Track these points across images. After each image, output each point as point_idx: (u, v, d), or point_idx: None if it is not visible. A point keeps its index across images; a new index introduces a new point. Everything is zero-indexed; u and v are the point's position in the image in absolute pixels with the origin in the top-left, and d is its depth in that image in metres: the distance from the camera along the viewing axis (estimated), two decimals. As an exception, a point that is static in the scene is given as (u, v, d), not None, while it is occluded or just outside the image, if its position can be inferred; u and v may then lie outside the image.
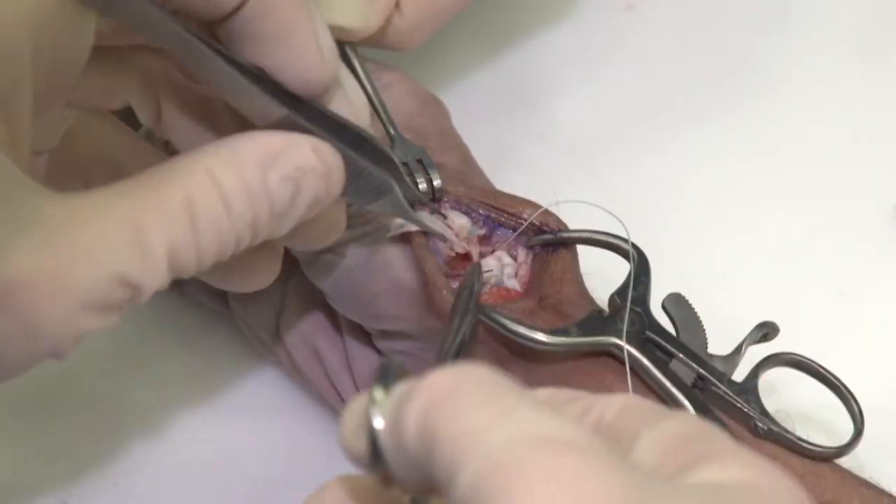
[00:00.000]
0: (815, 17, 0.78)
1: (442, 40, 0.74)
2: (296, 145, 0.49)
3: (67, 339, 0.44)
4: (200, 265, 0.47)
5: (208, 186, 0.46)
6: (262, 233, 0.48)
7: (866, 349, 0.67)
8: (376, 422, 0.39)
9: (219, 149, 0.47)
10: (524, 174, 0.71)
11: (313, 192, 0.49)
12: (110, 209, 0.45)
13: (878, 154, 0.73)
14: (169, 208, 0.45)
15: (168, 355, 0.66)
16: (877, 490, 0.54)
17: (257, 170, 0.47)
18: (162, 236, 0.45)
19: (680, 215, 0.71)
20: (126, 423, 0.64)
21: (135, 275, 0.44)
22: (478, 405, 0.37)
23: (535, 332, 0.54)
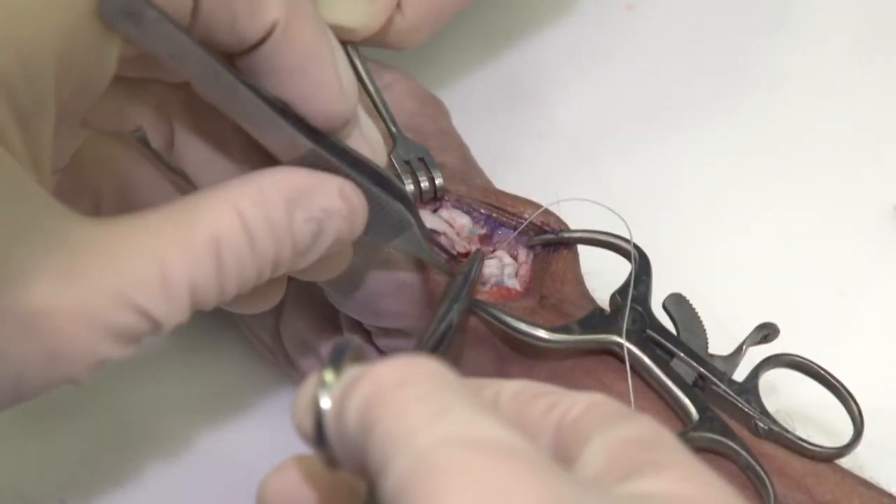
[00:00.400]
0: (815, 16, 0.78)
1: (442, 40, 0.75)
2: (323, 186, 0.48)
3: (87, 367, 0.44)
4: (221, 299, 0.47)
5: (235, 225, 0.46)
6: (283, 268, 0.48)
7: (866, 349, 0.67)
8: (323, 402, 0.39)
9: (246, 185, 0.47)
10: (524, 174, 0.71)
11: (336, 232, 0.49)
12: (135, 241, 0.44)
13: (878, 154, 0.73)
14: (194, 246, 0.45)
15: (168, 355, 0.66)
16: (877, 490, 0.54)
17: (284, 209, 0.47)
18: (186, 273, 0.45)
19: (680, 215, 0.71)
20: (126, 423, 0.64)
21: (156, 310, 0.44)
22: (416, 402, 0.37)
23: (537, 329, 0.54)
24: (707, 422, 0.53)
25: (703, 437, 0.53)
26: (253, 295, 0.53)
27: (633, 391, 0.54)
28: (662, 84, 0.76)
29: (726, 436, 0.53)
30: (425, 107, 0.64)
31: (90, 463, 0.63)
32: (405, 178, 0.58)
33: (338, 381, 0.40)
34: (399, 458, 0.36)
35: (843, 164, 0.73)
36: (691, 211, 0.72)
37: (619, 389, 0.54)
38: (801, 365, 0.57)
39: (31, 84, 0.43)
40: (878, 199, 0.71)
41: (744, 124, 0.74)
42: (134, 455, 0.63)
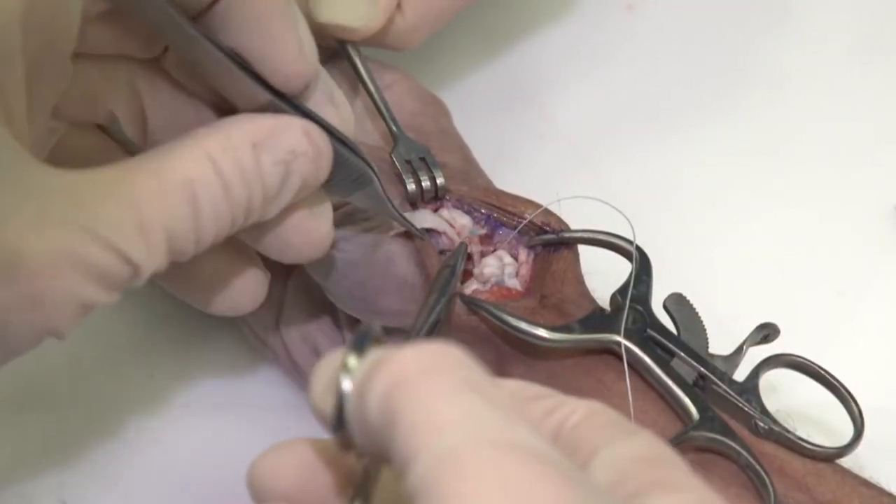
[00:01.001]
0: (815, 17, 0.78)
1: (442, 40, 0.75)
2: (287, 128, 0.49)
3: (70, 312, 0.44)
4: (199, 246, 0.47)
5: (208, 169, 0.47)
6: (254, 216, 0.49)
7: (866, 349, 0.67)
8: (345, 385, 0.39)
9: (213, 132, 0.48)
10: (524, 174, 0.71)
11: (303, 175, 0.50)
12: (110, 187, 0.45)
13: (878, 154, 0.73)
14: (169, 190, 0.46)
15: (168, 354, 0.66)
16: (877, 490, 0.54)
17: (251, 152, 0.48)
18: (161, 217, 0.45)
19: (680, 215, 0.71)
20: (126, 423, 0.64)
21: (135, 252, 0.45)
22: (443, 395, 0.37)
23: (537, 328, 0.54)
24: (707, 421, 0.53)
25: (703, 436, 0.53)
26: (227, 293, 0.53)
27: (634, 391, 0.54)
28: (662, 84, 0.76)
29: (727, 435, 0.53)
30: (426, 107, 0.64)
31: (89, 462, 0.63)
32: (406, 177, 0.58)
33: (360, 366, 0.39)
34: (426, 455, 0.36)
35: (843, 164, 0.73)
36: (691, 211, 0.71)
37: (619, 389, 0.54)
38: (801, 365, 0.57)
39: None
40: (878, 199, 0.71)
41: (744, 124, 0.74)
42: (133, 454, 0.63)
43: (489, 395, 0.38)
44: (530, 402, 0.41)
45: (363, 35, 0.60)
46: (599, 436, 0.40)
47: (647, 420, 0.54)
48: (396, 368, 0.38)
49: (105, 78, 0.52)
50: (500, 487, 0.35)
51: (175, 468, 0.63)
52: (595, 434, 0.40)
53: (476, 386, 0.38)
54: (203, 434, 0.64)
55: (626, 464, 0.39)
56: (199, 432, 0.64)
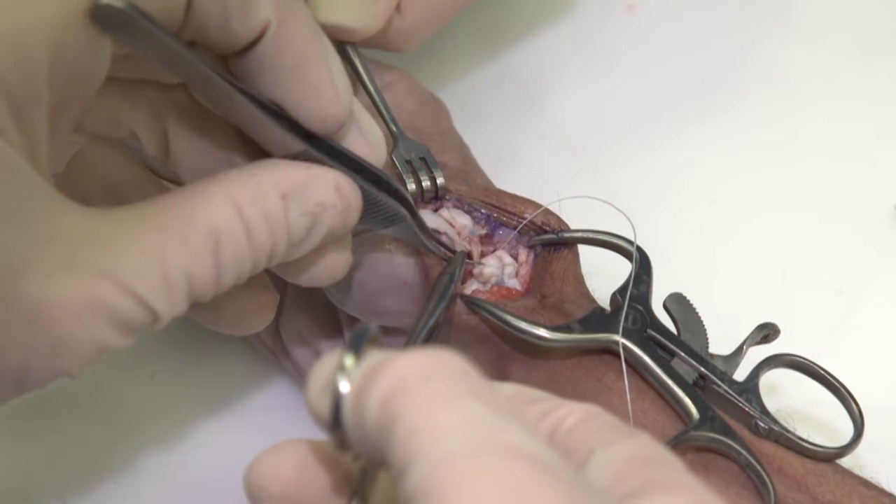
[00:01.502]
0: (815, 17, 0.78)
1: (442, 40, 0.75)
2: (319, 180, 0.49)
3: (88, 356, 0.44)
4: (218, 290, 0.47)
5: (233, 219, 0.46)
6: (277, 259, 0.49)
7: (866, 349, 0.67)
8: (342, 386, 0.39)
9: (243, 179, 0.47)
10: (524, 174, 0.71)
11: (330, 225, 0.49)
12: (135, 233, 0.45)
13: (878, 154, 0.73)
14: (194, 239, 0.45)
15: (170, 356, 0.66)
16: (877, 490, 0.54)
17: (280, 203, 0.48)
18: (184, 266, 0.45)
19: (680, 215, 0.71)
20: (127, 424, 0.64)
21: (156, 301, 0.45)
22: (441, 402, 0.37)
23: (537, 328, 0.54)
24: (708, 421, 0.53)
25: (703, 436, 0.53)
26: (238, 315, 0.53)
27: (634, 391, 0.54)
28: (663, 84, 0.76)
29: (727, 435, 0.53)
30: (426, 107, 0.64)
31: (90, 462, 0.63)
32: (406, 177, 0.58)
33: (357, 367, 0.40)
34: (424, 460, 0.36)
35: (843, 164, 0.73)
36: (691, 211, 0.72)
37: (619, 389, 0.54)
38: (801, 365, 0.57)
39: (25, 76, 0.43)
40: (878, 199, 0.71)
41: (744, 124, 0.74)
42: (133, 454, 0.63)
43: (487, 400, 0.38)
44: (526, 406, 0.42)
45: (362, 36, 0.60)
46: (595, 438, 0.40)
47: (647, 420, 0.54)
48: (395, 374, 0.38)
49: (128, 99, 0.52)
50: (498, 492, 0.35)
51: (175, 468, 0.63)
52: (591, 436, 0.40)
53: (474, 392, 0.38)
54: (203, 435, 0.64)
55: (623, 464, 0.39)
56: (199, 433, 0.64)
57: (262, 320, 0.55)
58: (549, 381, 0.55)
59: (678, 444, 0.53)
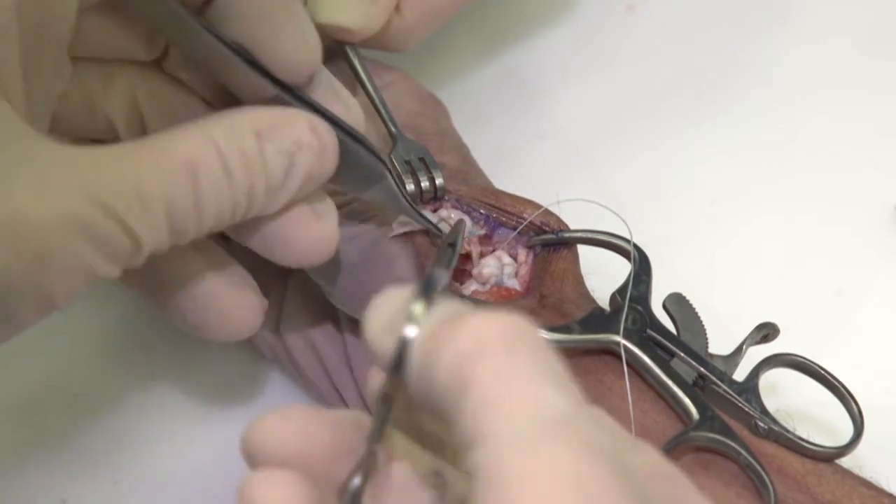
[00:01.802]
0: (815, 17, 0.78)
1: (442, 40, 0.75)
2: (293, 119, 0.49)
3: (74, 279, 0.44)
4: (199, 228, 0.47)
5: (210, 151, 0.47)
6: (257, 205, 0.49)
7: (865, 349, 0.67)
8: (409, 331, 0.39)
9: (219, 119, 0.48)
10: (524, 174, 0.71)
11: (307, 168, 0.50)
12: (112, 161, 0.45)
13: (878, 155, 0.73)
14: (169, 166, 0.46)
15: (169, 354, 0.66)
16: (877, 490, 0.54)
17: (255, 140, 0.48)
18: (162, 190, 0.45)
19: (680, 215, 0.71)
20: (126, 423, 0.64)
21: (135, 223, 0.45)
22: (522, 378, 0.37)
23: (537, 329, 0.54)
24: (708, 421, 0.53)
25: (703, 436, 0.53)
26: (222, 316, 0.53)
27: (634, 391, 0.54)
28: (662, 84, 0.76)
29: (727, 435, 0.53)
30: (425, 107, 0.64)
31: (89, 462, 0.63)
32: (405, 177, 0.58)
33: (426, 316, 0.39)
34: (495, 439, 0.36)
35: (843, 164, 0.73)
36: (691, 211, 0.72)
37: (619, 389, 0.54)
38: (801, 365, 0.57)
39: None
40: (878, 200, 0.71)
41: (744, 124, 0.74)
42: (133, 454, 0.63)
43: (564, 384, 0.37)
44: None
45: (362, 36, 0.60)
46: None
47: (647, 420, 0.54)
48: (476, 333, 0.37)
49: (103, 85, 0.52)
50: (566, 487, 0.35)
51: (175, 468, 0.63)
52: None
53: (554, 373, 0.37)
54: (203, 434, 0.64)
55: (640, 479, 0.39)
56: (199, 432, 0.64)
57: (249, 325, 0.55)
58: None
59: (678, 445, 0.53)
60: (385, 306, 0.41)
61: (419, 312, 0.39)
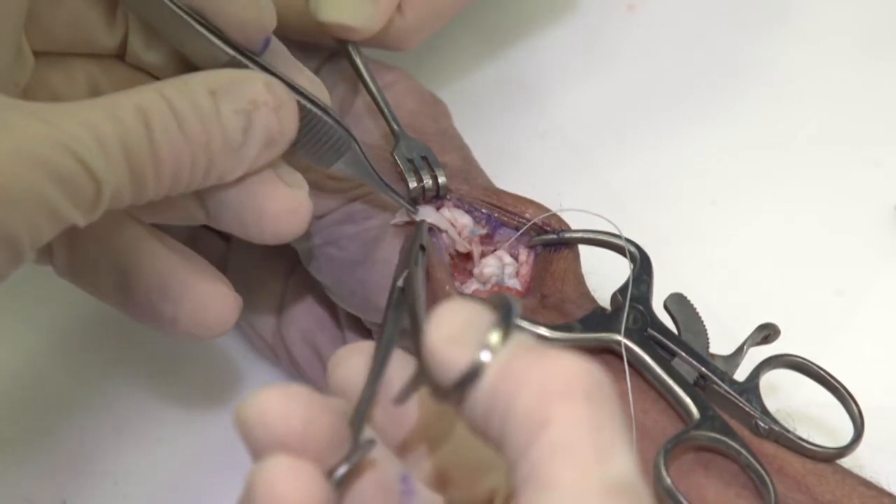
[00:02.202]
0: (815, 17, 0.78)
1: (442, 40, 0.75)
2: (248, 79, 0.50)
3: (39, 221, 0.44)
4: (159, 178, 0.47)
5: (160, 102, 0.47)
6: (218, 164, 0.49)
7: (866, 349, 0.67)
8: (484, 356, 0.39)
9: (170, 79, 0.48)
10: (524, 174, 0.71)
11: (265, 126, 0.50)
12: (66, 111, 0.45)
13: (879, 155, 0.73)
14: (122, 113, 0.46)
15: (168, 355, 0.66)
16: (877, 490, 0.54)
17: (208, 96, 0.48)
18: (117, 133, 0.45)
19: (680, 215, 0.71)
20: (126, 423, 0.64)
21: (94, 162, 0.45)
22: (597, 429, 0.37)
23: (538, 327, 0.54)
24: (708, 421, 0.53)
25: (704, 435, 0.53)
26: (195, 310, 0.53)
27: (635, 391, 0.54)
28: (663, 84, 0.76)
29: (727, 435, 0.53)
30: (427, 107, 0.63)
31: (90, 463, 0.63)
32: (408, 176, 0.57)
33: (502, 346, 0.39)
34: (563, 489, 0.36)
35: (843, 164, 0.73)
36: (691, 211, 0.72)
37: (619, 389, 0.54)
38: (801, 366, 0.57)
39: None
40: (878, 200, 0.71)
41: (744, 124, 0.74)
42: (133, 454, 0.63)
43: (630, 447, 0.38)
44: None
45: (364, 35, 0.60)
46: None
47: (648, 420, 0.54)
48: (565, 375, 0.38)
49: (66, 79, 0.53)
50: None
51: (175, 468, 0.63)
52: None
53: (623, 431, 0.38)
54: (203, 434, 0.64)
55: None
56: (198, 432, 0.64)
57: (223, 320, 0.54)
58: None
59: (678, 444, 0.53)
60: (455, 318, 0.40)
61: (496, 343, 0.39)
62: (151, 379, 0.65)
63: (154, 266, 0.53)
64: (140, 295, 0.53)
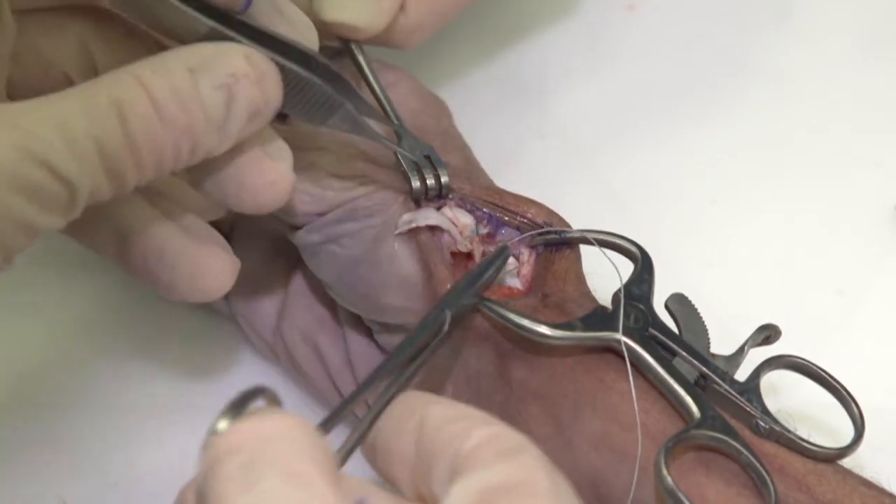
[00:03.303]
0: (815, 17, 0.78)
1: (443, 39, 0.75)
2: (227, 53, 0.49)
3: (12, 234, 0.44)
4: (140, 170, 0.47)
5: (135, 88, 0.46)
6: (203, 143, 0.48)
7: (866, 348, 0.67)
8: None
9: (148, 59, 0.48)
10: (524, 174, 0.71)
11: (248, 99, 0.49)
12: (38, 109, 0.45)
13: (879, 154, 0.73)
14: (95, 107, 0.45)
15: (168, 354, 0.66)
16: (877, 490, 0.54)
17: (186, 75, 0.47)
18: (88, 130, 0.45)
19: (680, 215, 0.71)
20: (126, 423, 0.64)
21: (64, 165, 0.44)
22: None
23: (540, 325, 0.54)
24: (709, 420, 0.53)
25: (704, 435, 0.53)
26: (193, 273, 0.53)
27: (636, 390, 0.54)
28: (663, 84, 0.76)
29: (728, 435, 0.53)
30: (428, 107, 0.64)
31: (89, 462, 0.63)
32: (411, 174, 0.57)
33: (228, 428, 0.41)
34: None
35: (843, 164, 0.73)
36: (692, 211, 0.72)
37: (620, 388, 0.54)
38: (802, 367, 0.57)
39: None
40: (878, 200, 0.71)
41: (744, 124, 0.74)
42: (133, 454, 0.63)
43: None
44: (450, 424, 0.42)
45: (368, 34, 0.60)
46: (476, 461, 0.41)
47: (648, 419, 0.54)
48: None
49: (54, 38, 0.52)
50: None
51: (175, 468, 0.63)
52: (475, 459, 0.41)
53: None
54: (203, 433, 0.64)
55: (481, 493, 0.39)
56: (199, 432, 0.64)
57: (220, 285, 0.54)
58: (550, 380, 0.55)
59: (679, 443, 0.53)
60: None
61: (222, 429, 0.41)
62: (152, 379, 0.65)
63: (151, 231, 0.53)
64: (137, 259, 0.53)
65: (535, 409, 0.55)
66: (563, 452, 0.54)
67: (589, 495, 0.54)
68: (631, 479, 0.53)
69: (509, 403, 0.56)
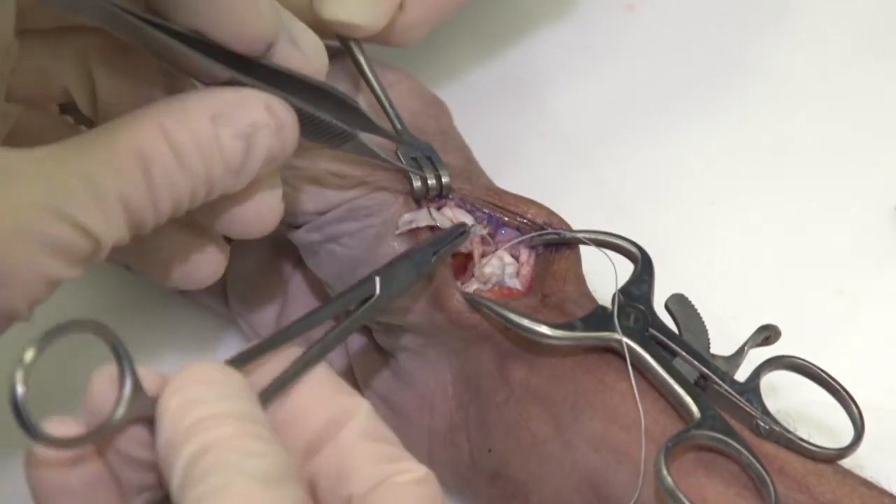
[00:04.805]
0: (815, 17, 0.78)
1: (442, 39, 0.75)
2: (248, 102, 0.49)
3: (35, 289, 0.44)
4: (158, 218, 0.47)
5: (159, 140, 0.46)
6: (219, 188, 0.49)
7: (866, 348, 0.67)
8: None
9: (169, 104, 0.48)
10: (524, 173, 0.71)
11: (266, 148, 0.49)
12: (61, 161, 0.45)
13: (878, 154, 0.73)
14: (120, 160, 0.46)
15: (169, 353, 0.66)
16: (877, 490, 0.54)
17: (209, 125, 0.48)
18: (115, 186, 0.45)
19: (680, 215, 0.71)
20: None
21: (91, 223, 0.45)
22: None
23: (540, 325, 0.54)
24: (709, 421, 0.53)
25: (704, 435, 0.53)
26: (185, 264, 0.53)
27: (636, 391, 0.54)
28: (662, 84, 0.76)
29: (728, 435, 0.53)
30: (428, 107, 0.63)
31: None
32: (412, 175, 0.57)
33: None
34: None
35: (843, 164, 0.73)
36: (691, 211, 0.72)
37: (620, 388, 0.54)
38: (802, 367, 0.57)
39: None
40: (878, 199, 0.71)
41: (744, 124, 0.74)
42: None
43: None
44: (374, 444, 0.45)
45: (367, 32, 0.60)
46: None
47: (648, 420, 0.54)
48: None
49: (53, 52, 0.52)
50: None
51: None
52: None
53: None
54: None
55: None
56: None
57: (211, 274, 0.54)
58: (550, 381, 0.55)
59: (679, 443, 0.53)
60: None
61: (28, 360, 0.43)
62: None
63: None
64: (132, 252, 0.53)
65: (535, 410, 0.55)
66: (563, 453, 0.54)
67: (589, 496, 0.54)
68: (631, 480, 0.53)
69: (509, 403, 0.56)
